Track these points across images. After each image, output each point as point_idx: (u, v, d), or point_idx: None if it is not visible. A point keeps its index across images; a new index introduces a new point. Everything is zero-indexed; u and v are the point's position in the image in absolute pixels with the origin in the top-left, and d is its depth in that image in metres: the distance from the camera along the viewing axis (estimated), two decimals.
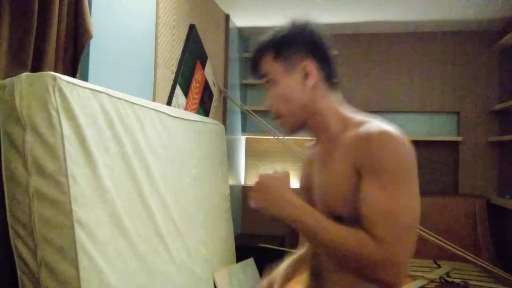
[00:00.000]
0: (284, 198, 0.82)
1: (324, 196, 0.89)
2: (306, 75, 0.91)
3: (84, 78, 1.69)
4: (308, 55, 0.91)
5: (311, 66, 0.91)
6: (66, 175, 1.27)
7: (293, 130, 0.96)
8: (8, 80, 1.30)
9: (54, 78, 1.28)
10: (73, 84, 1.36)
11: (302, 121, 0.95)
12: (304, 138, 3.97)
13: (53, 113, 1.27)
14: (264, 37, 0.95)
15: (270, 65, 0.93)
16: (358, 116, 0.93)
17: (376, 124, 0.84)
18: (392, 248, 0.72)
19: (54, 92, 1.27)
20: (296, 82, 0.91)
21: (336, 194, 0.84)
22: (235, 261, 2.77)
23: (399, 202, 0.74)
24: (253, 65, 0.97)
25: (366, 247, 0.73)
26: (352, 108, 0.97)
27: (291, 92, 0.91)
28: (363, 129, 0.83)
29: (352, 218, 0.81)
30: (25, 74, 1.28)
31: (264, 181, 0.85)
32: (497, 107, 3.44)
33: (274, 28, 0.95)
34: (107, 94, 1.55)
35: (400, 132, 0.82)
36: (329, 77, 0.94)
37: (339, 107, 0.95)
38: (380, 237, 0.73)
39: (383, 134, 0.80)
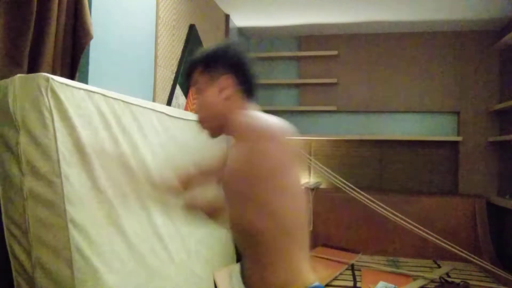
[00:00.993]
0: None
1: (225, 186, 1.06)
2: (222, 88, 1.05)
3: (84, 78, 1.69)
4: (228, 71, 1.06)
5: (228, 80, 1.05)
6: (59, 176, 1.28)
7: (212, 134, 1.11)
8: (2, 81, 1.31)
9: (47, 79, 1.28)
10: (67, 85, 1.36)
11: (218, 127, 1.09)
12: (303, 139, 3.96)
13: (46, 114, 1.27)
14: (199, 52, 1.11)
15: (198, 76, 1.08)
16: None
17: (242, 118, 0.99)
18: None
19: (47, 93, 1.28)
20: (214, 93, 1.06)
21: (228, 186, 1.02)
22: (235, 261, 2.76)
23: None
24: (188, 74, 1.12)
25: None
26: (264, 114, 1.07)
27: (210, 101, 1.06)
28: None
29: None
30: (18, 76, 1.29)
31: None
32: (497, 107, 3.44)
33: (208, 46, 1.12)
34: (103, 95, 1.54)
35: (265, 120, 0.95)
36: (248, 91, 1.08)
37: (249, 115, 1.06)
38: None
39: (241, 123, 0.96)
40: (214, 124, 1.09)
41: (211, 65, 1.07)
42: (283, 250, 0.95)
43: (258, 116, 0.97)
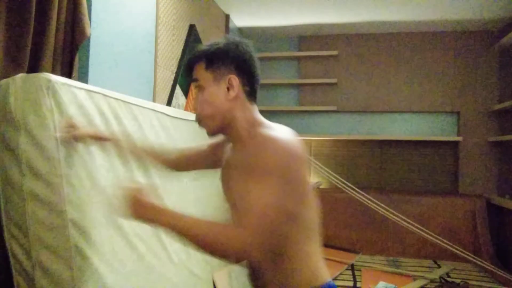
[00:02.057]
0: (146, 206, 0.93)
1: (234, 190, 1.02)
2: (229, 87, 1.03)
3: (84, 78, 1.69)
4: (235, 71, 1.04)
5: (235, 80, 1.03)
6: (59, 176, 1.27)
7: (211, 133, 1.09)
8: (3, 81, 1.30)
9: (49, 79, 1.28)
10: (68, 85, 1.35)
11: (220, 126, 1.06)
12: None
13: (47, 114, 1.27)
14: (201, 47, 1.07)
15: (201, 72, 1.05)
16: (265, 126, 1.04)
17: (271, 132, 0.98)
18: (249, 230, 0.84)
19: (48, 93, 1.27)
20: (220, 91, 1.03)
21: (237, 198, 0.99)
22: None
23: (256, 194, 0.88)
24: (187, 69, 1.09)
25: (224, 233, 0.86)
26: (268, 121, 1.08)
27: (215, 99, 1.03)
28: (261, 137, 0.98)
29: None
30: (20, 75, 1.28)
31: (127, 192, 0.95)
32: (497, 107, 3.44)
33: (211, 41, 1.08)
34: (104, 95, 1.54)
35: (286, 139, 0.96)
36: (251, 92, 1.07)
37: (253, 118, 1.06)
38: (239, 223, 0.87)
39: (264, 141, 0.95)
40: (216, 123, 1.06)
41: (217, 62, 1.04)
42: (305, 251, 1.01)
43: (274, 139, 0.95)
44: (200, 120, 1.08)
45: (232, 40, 1.07)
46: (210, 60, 1.04)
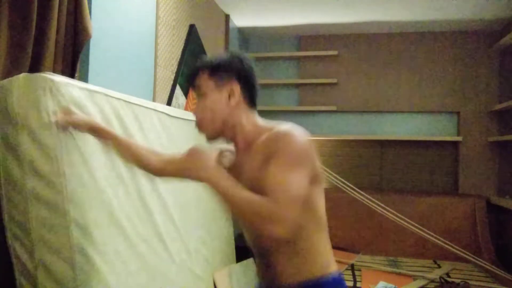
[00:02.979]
0: (208, 164, 1.01)
1: (248, 182, 1.07)
2: (230, 95, 1.11)
3: (84, 78, 1.69)
4: (236, 80, 1.12)
5: (236, 88, 1.11)
6: (61, 176, 1.27)
7: (211, 137, 1.17)
8: (5, 81, 1.30)
9: (51, 79, 1.27)
10: (70, 84, 1.35)
11: (220, 131, 1.14)
12: None
13: (49, 113, 1.27)
14: (206, 58, 1.16)
15: (204, 80, 1.13)
16: (269, 124, 1.13)
17: (284, 125, 1.07)
18: (283, 207, 0.94)
19: (50, 93, 1.27)
20: (222, 98, 1.11)
21: (256, 182, 1.04)
22: (235, 261, 2.76)
23: (289, 177, 0.97)
24: (191, 76, 1.16)
25: (265, 205, 0.94)
26: (267, 121, 1.17)
27: (216, 106, 1.12)
28: (273, 130, 1.06)
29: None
30: (22, 75, 1.28)
31: (195, 149, 1.04)
32: (497, 107, 3.44)
33: (214, 54, 1.17)
34: (105, 94, 1.54)
35: (301, 131, 1.05)
36: (251, 100, 1.15)
37: (256, 121, 1.16)
38: (275, 199, 0.94)
39: (286, 132, 1.03)
40: (216, 128, 1.13)
41: (219, 71, 1.12)
42: (318, 238, 1.12)
43: (293, 131, 1.04)
44: (200, 125, 1.15)
45: (235, 53, 1.16)
46: (214, 69, 1.12)
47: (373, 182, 3.88)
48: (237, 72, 1.12)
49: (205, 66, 1.14)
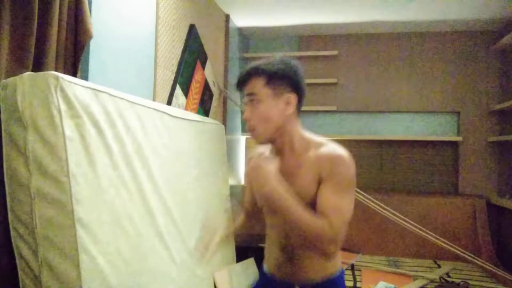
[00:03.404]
0: (272, 177, 1.08)
1: (297, 190, 1.14)
2: (287, 105, 1.16)
3: (84, 78, 1.69)
4: (292, 90, 1.17)
5: (293, 99, 1.17)
6: (67, 175, 1.27)
7: (263, 142, 1.21)
8: (10, 79, 1.30)
9: (57, 78, 1.27)
10: (75, 83, 1.35)
11: (272, 138, 1.19)
12: None
13: (55, 112, 1.26)
14: (259, 63, 1.18)
15: (260, 87, 1.15)
16: (315, 138, 1.22)
17: (332, 147, 1.16)
18: (337, 230, 1.06)
19: (56, 91, 1.27)
20: (278, 107, 1.16)
21: (305, 194, 1.14)
22: (235, 261, 2.77)
23: (343, 202, 1.10)
24: (244, 80, 1.19)
25: (321, 227, 1.05)
26: (310, 132, 1.25)
27: (272, 113, 1.15)
28: (324, 150, 1.15)
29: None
30: (27, 74, 1.28)
31: (258, 162, 1.10)
32: (497, 107, 3.44)
33: (268, 58, 1.20)
34: (109, 94, 1.54)
35: (349, 155, 1.15)
36: (299, 109, 1.22)
37: (303, 132, 1.24)
38: (330, 222, 1.05)
39: (340, 156, 1.13)
40: (270, 134, 1.18)
41: (276, 80, 1.15)
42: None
43: (346, 155, 1.15)
44: (253, 130, 1.18)
45: (289, 61, 1.19)
46: (271, 77, 1.15)
47: (373, 182, 3.89)
48: (293, 82, 1.16)
49: (261, 73, 1.15)
